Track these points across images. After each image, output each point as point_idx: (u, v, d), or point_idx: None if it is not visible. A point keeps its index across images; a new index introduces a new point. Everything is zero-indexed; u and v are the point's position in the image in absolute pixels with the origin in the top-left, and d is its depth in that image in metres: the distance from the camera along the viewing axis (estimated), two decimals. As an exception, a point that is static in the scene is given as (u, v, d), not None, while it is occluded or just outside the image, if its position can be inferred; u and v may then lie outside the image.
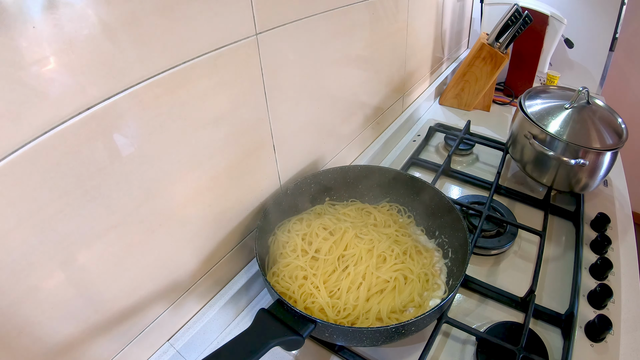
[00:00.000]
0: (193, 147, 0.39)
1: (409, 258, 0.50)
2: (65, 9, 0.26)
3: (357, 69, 0.65)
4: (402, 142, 0.85)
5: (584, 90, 0.67)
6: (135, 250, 0.37)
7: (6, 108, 0.25)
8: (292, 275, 0.48)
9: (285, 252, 0.50)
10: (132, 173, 0.34)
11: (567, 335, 0.49)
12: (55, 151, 0.28)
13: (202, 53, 0.37)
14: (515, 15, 0.86)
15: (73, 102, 0.28)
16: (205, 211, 0.44)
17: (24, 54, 0.25)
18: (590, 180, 0.68)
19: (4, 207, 0.26)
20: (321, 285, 0.46)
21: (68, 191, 0.30)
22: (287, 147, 0.54)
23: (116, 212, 0.34)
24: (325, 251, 0.49)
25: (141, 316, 0.40)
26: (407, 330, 0.40)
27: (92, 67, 0.29)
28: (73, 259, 0.32)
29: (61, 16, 0.26)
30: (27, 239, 0.28)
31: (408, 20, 0.77)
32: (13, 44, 0.24)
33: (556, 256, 0.62)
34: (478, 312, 0.53)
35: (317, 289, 0.45)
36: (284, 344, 0.38)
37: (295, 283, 0.47)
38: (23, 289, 0.29)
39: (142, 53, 0.31)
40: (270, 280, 0.48)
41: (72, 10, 0.26)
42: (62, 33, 0.26)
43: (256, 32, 0.42)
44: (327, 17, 0.52)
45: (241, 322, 0.52)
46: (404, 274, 0.48)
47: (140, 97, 0.33)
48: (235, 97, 0.42)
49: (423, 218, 0.59)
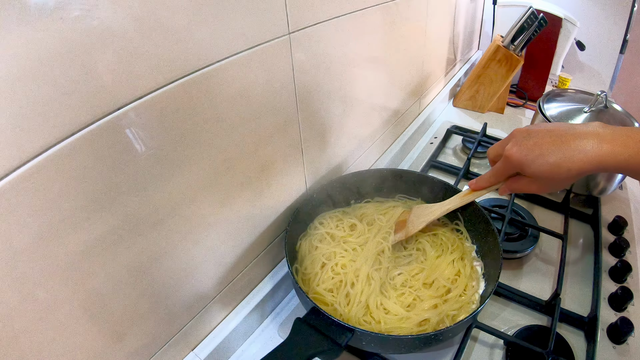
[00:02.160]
0: (225, 149, 0.39)
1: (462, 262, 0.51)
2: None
3: (378, 71, 0.65)
4: (420, 145, 0.86)
5: (602, 95, 0.68)
6: (162, 259, 0.36)
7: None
8: (327, 278, 0.48)
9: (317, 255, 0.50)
10: (161, 177, 0.33)
11: (590, 338, 0.50)
12: (84, 154, 0.27)
13: (236, 52, 0.36)
14: (531, 18, 0.86)
15: (121, 93, 0.28)
16: (233, 218, 0.43)
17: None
18: (608, 183, 0.69)
19: (29, 217, 0.25)
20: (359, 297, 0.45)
21: (96, 197, 0.29)
22: (314, 150, 0.54)
23: (146, 218, 0.33)
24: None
25: (166, 328, 0.40)
26: (444, 336, 0.40)
27: (133, 59, 0.28)
28: (98, 269, 0.31)
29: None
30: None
31: (427, 22, 0.77)
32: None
33: (575, 259, 0.62)
34: (504, 316, 0.54)
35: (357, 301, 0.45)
36: (322, 354, 0.38)
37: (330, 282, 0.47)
38: (42, 306, 0.28)
39: (175, 50, 0.30)
40: (304, 285, 0.48)
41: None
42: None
43: (289, 32, 0.41)
44: (353, 18, 0.52)
45: (266, 329, 0.52)
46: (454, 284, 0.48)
47: (174, 96, 0.32)
48: (267, 98, 0.42)
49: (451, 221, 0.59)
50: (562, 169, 0.35)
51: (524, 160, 0.37)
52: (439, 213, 0.50)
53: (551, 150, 0.36)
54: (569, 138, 0.36)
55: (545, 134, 0.37)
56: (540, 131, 0.38)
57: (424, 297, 0.46)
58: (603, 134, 0.35)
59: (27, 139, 0.24)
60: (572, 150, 0.35)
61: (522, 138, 0.38)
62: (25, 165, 0.24)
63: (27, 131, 0.24)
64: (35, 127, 0.24)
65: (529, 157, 0.37)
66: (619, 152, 0.34)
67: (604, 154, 0.34)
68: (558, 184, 0.38)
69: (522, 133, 0.39)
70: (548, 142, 0.36)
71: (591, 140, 0.35)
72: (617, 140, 0.34)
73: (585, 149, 0.35)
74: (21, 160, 0.24)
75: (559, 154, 0.35)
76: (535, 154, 0.37)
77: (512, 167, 0.40)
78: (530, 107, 1.04)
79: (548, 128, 0.38)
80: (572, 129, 0.37)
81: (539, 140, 0.37)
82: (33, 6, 0.22)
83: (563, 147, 0.35)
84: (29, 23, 0.22)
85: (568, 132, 0.36)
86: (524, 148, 0.38)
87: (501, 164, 0.41)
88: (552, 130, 0.37)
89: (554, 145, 0.36)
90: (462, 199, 0.49)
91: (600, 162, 0.34)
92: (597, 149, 0.34)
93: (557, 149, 0.36)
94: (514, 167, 0.39)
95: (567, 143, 0.35)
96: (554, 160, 0.36)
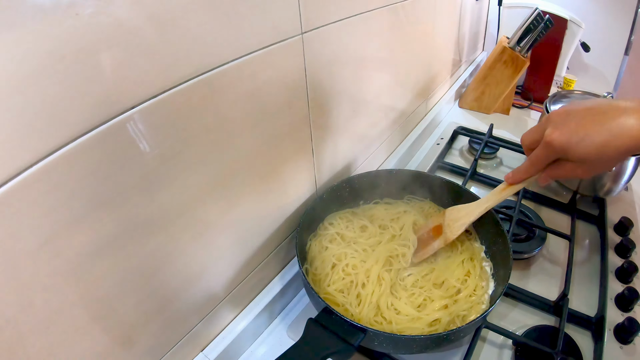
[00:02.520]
0: (236, 150, 0.38)
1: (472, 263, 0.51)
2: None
3: (387, 72, 0.65)
4: (426, 145, 0.86)
5: (608, 96, 0.68)
6: (171, 260, 0.36)
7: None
8: (338, 279, 0.48)
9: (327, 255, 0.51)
10: (171, 177, 0.33)
11: (598, 338, 0.51)
12: (95, 154, 0.26)
13: (250, 51, 0.36)
14: (537, 20, 0.86)
15: (134, 92, 0.27)
16: (242, 219, 0.43)
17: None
18: (614, 185, 0.69)
19: (38, 218, 0.25)
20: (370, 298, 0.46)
21: (106, 198, 0.28)
22: (324, 151, 0.54)
23: (156, 219, 0.33)
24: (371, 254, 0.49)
25: (175, 329, 0.40)
26: (455, 336, 0.41)
27: (147, 57, 0.27)
28: (107, 271, 0.31)
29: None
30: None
31: (433, 23, 0.77)
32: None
33: (582, 260, 0.63)
34: (512, 316, 0.54)
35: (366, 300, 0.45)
36: (335, 355, 0.38)
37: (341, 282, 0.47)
38: (49, 308, 0.27)
39: (192, 49, 0.30)
40: (315, 286, 0.48)
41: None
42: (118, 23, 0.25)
43: (302, 31, 0.41)
44: (363, 19, 0.52)
45: (275, 330, 0.52)
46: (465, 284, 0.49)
47: (188, 95, 0.31)
48: (279, 98, 0.42)
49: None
50: (611, 148, 0.33)
51: (568, 144, 0.35)
52: (478, 213, 0.47)
53: (596, 130, 0.33)
54: (613, 115, 0.33)
55: (587, 113, 0.34)
56: (580, 110, 0.35)
57: (434, 298, 0.47)
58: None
59: (39, 138, 0.23)
60: (619, 127, 0.32)
61: (561, 120, 0.36)
62: (36, 165, 0.24)
63: (39, 130, 0.23)
64: (47, 126, 0.23)
65: (573, 139, 0.34)
66: None
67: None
68: (606, 164, 0.36)
69: (560, 115, 0.36)
70: (591, 122, 0.34)
71: (637, 115, 0.32)
72: None
73: (632, 125, 0.32)
74: (32, 160, 0.23)
75: (606, 133, 0.33)
76: (580, 136, 0.34)
77: (554, 153, 0.37)
78: (536, 109, 1.05)
79: (587, 106, 0.35)
80: (614, 105, 0.34)
81: (581, 120, 0.34)
82: (48, 1, 0.21)
83: (609, 125, 0.33)
84: (43, 18, 0.21)
85: (610, 108, 0.34)
86: (566, 131, 0.35)
87: (541, 150, 0.37)
88: (593, 108, 0.35)
89: (599, 124, 0.33)
90: (500, 195, 0.45)
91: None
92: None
93: (603, 127, 0.33)
94: (556, 153, 0.36)
95: (612, 120, 0.33)
96: (601, 140, 0.33)
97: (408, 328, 0.43)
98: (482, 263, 0.52)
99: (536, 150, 0.38)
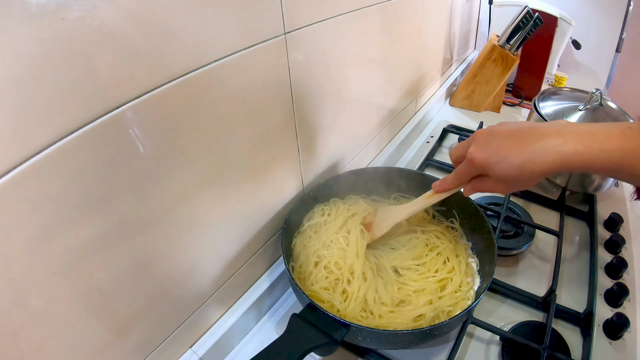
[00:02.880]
0: (222, 149, 0.39)
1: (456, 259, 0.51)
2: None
3: (375, 71, 0.66)
4: (416, 144, 0.86)
5: (597, 92, 0.68)
6: (161, 256, 0.37)
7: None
8: (321, 275, 0.48)
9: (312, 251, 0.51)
10: (159, 175, 0.33)
11: (586, 334, 0.50)
12: (84, 152, 0.27)
13: (233, 51, 0.36)
14: (527, 17, 0.87)
15: (120, 92, 0.28)
16: (230, 216, 0.44)
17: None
18: (603, 181, 0.69)
19: (29, 214, 0.26)
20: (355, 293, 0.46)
21: (96, 195, 0.29)
22: (310, 149, 0.54)
23: (144, 216, 0.34)
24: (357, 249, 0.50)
25: (164, 325, 0.40)
26: (439, 331, 0.41)
27: (132, 58, 0.28)
28: (97, 267, 0.31)
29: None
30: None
31: (423, 22, 0.78)
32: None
33: (571, 256, 0.63)
34: (499, 312, 0.54)
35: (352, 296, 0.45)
36: (318, 350, 0.38)
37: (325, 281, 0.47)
38: (41, 303, 0.28)
39: (173, 50, 0.31)
40: (300, 283, 0.48)
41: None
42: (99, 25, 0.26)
43: (285, 32, 0.42)
44: (349, 18, 0.52)
45: (264, 326, 0.52)
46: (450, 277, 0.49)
47: (172, 95, 0.32)
48: (263, 97, 0.42)
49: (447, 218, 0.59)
50: (526, 170, 0.35)
51: (486, 163, 0.37)
52: (405, 215, 0.50)
53: (514, 153, 0.35)
54: (532, 139, 0.35)
55: (508, 135, 0.36)
56: (502, 132, 0.37)
57: (419, 293, 0.47)
58: (567, 133, 0.34)
59: (28, 136, 0.24)
60: (535, 152, 0.34)
61: (484, 140, 0.38)
62: (26, 162, 0.24)
63: (27, 129, 0.24)
64: (36, 125, 0.24)
65: (492, 160, 0.36)
66: (583, 151, 0.33)
67: (567, 154, 0.33)
68: (523, 184, 0.37)
69: (484, 135, 0.38)
70: (510, 145, 0.36)
71: (554, 140, 0.34)
72: (581, 140, 0.33)
73: (548, 150, 0.34)
74: (22, 157, 0.24)
75: (523, 156, 0.35)
76: (499, 157, 0.36)
77: (475, 170, 0.39)
78: (526, 106, 1.05)
79: (510, 129, 0.37)
80: (535, 129, 0.35)
81: (501, 142, 0.36)
82: (35, 6, 0.22)
83: (526, 149, 0.35)
84: (31, 23, 0.22)
85: (530, 132, 0.35)
86: (487, 151, 0.37)
87: (464, 166, 0.40)
88: (514, 132, 0.36)
89: (517, 147, 0.35)
90: (426, 201, 0.47)
91: (564, 163, 0.33)
92: (561, 149, 0.33)
93: (521, 150, 0.35)
94: (477, 169, 0.39)
95: (530, 144, 0.35)
96: (517, 163, 0.35)
97: (392, 323, 0.43)
98: (469, 259, 0.52)
99: (461, 165, 0.41)
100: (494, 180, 0.38)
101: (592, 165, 0.33)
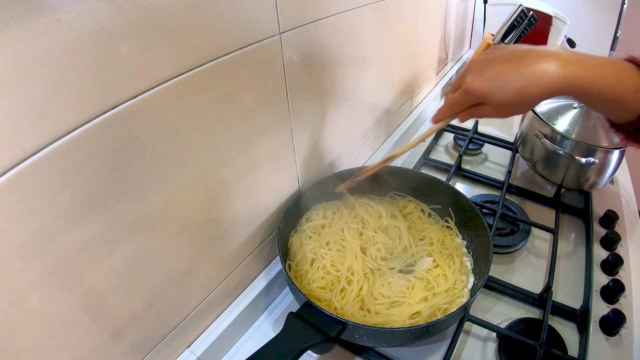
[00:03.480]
0: (218, 148, 0.39)
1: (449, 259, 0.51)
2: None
3: (370, 71, 0.66)
4: (412, 142, 0.86)
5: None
6: (157, 256, 0.37)
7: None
8: (317, 276, 0.48)
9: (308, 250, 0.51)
10: (154, 175, 0.33)
11: (583, 330, 0.51)
12: (80, 152, 0.28)
13: (229, 51, 0.36)
14: (521, 16, 0.87)
15: (110, 95, 0.28)
16: (227, 214, 0.44)
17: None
18: (598, 178, 0.69)
19: (25, 215, 0.26)
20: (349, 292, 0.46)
21: (91, 195, 0.29)
22: (306, 149, 0.55)
23: (140, 216, 0.34)
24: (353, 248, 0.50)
25: (161, 325, 0.40)
26: (436, 328, 0.41)
27: (127, 60, 0.28)
28: (93, 267, 0.31)
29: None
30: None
31: (417, 21, 0.78)
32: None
33: (567, 253, 0.63)
34: (496, 310, 0.54)
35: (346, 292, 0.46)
36: (315, 348, 0.38)
37: (321, 281, 0.47)
38: (37, 303, 0.28)
39: (170, 50, 0.31)
40: (297, 282, 0.48)
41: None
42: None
43: (280, 32, 0.42)
44: (344, 17, 0.52)
45: (261, 326, 0.52)
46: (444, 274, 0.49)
47: (168, 95, 0.32)
48: (259, 97, 0.42)
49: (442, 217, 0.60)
50: (527, 93, 0.34)
51: (487, 90, 0.36)
52: (401, 153, 0.50)
53: (514, 77, 0.34)
54: (531, 61, 0.34)
55: (505, 60, 0.35)
56: (499, 57, 0.36)
57: (413, 291, 0.47)
58: (565, 56, 0.33)
59: (24, 137, 0.24)
60: (535, 74, 0.33)
61: (480, 68, 0.37)
62: (22, 163, 0.24)
63: (24, 130, 0.24)
64: (32, 126, 0.24)
65: (491, 87, 0.35)
66: (582, 74, 0.32)
67: (567, 76, 0.33)
68: (522, 108, 0.37)
69: (479, 64, 0.37)
70: (509, 68, 0.35)
71: (553, 62, 0.33)
72: (580, 62, 0.33)
73: (548, 72, 0.33)
74: (18, 158, 0.24)
75: (523, 80, 0.34)
76: (498, 83, 0.35)
77: (473, 99, 0.38)
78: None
79: (506, 53, 0.36)
80: (531, 53, 0.35)
81: (500, 67, 0.35)
82: (31, 7, 0.23)
83: (526, 72, 0.34)
84: (27, 24, 0.23)
85: (528, 55, 0.34)
86: (485, 79, 0.36)
87: (460, 95, 0.38)
88: (512, 55, 0.35)
89: (516, 70, 0.34)
90: (420, 137, 0.48)
91: (563, 85, 0.33)
92: (561, 71, 0.33)
93: (520, 74, 0.34)
94: (475, 99, 0.37)
95: (529, 67, 0.34)
96: (518, 87, 0.34)
97: (388, 321, 0.43)
98: (463, 258, 0.52)
99: (455, 95, 0.39)
100: (492, 106, 0.37)
101: (587, 88, 0.33)
